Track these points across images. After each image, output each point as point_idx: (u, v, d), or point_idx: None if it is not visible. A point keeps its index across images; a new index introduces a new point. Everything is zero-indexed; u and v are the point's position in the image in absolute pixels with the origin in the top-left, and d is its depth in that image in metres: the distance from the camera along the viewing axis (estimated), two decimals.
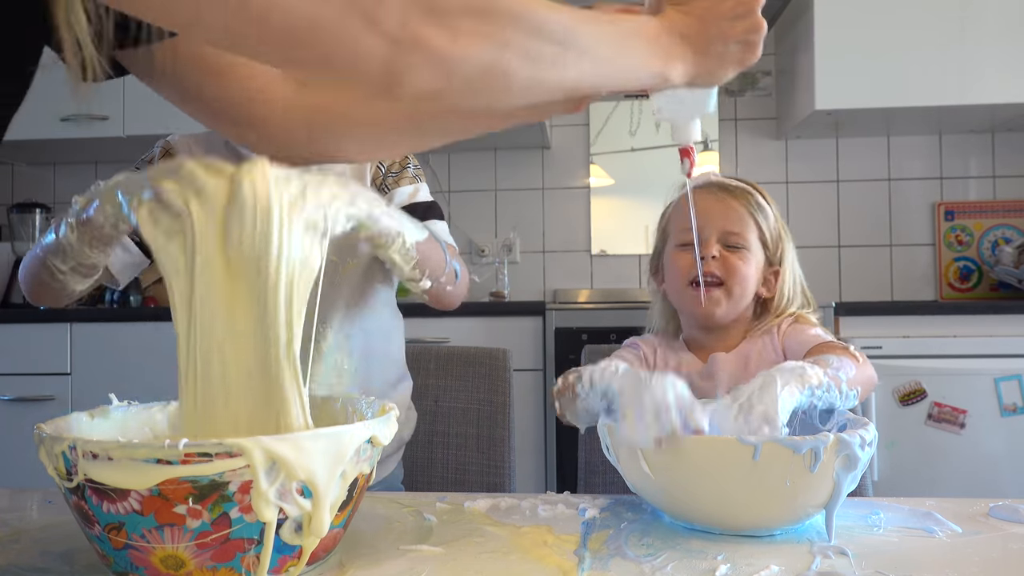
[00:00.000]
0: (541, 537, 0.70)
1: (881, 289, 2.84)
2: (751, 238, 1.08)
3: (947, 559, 0.64)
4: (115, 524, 0.56)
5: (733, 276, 1.06)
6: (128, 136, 2.65)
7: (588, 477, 1.22)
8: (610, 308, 2.40)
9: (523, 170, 2.94)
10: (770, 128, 2.90)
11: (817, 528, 0.73)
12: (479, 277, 2.92)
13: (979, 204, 2.80)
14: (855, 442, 0.67)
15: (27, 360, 2.37)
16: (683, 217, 1.10)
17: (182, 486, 0.53)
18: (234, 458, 0.53)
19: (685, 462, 0.70)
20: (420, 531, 0.72)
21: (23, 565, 0.65)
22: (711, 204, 1.09)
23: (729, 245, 1.07)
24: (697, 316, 1.09)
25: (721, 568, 0.62)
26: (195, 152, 1.09)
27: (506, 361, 1.33)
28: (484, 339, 2.31)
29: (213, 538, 0.55)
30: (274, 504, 0.55)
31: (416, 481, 1.32)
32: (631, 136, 2.94)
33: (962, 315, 2.20)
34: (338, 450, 0.58)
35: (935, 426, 2.12)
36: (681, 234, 1.10)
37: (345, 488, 0.60)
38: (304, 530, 0.57)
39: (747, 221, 1.08)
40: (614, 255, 2.92)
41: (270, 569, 0.57)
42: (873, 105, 2.45)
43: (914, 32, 2.42)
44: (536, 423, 2.30)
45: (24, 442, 2.32)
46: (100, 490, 0.54)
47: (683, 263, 1.09)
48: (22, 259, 2.74)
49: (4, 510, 0.82)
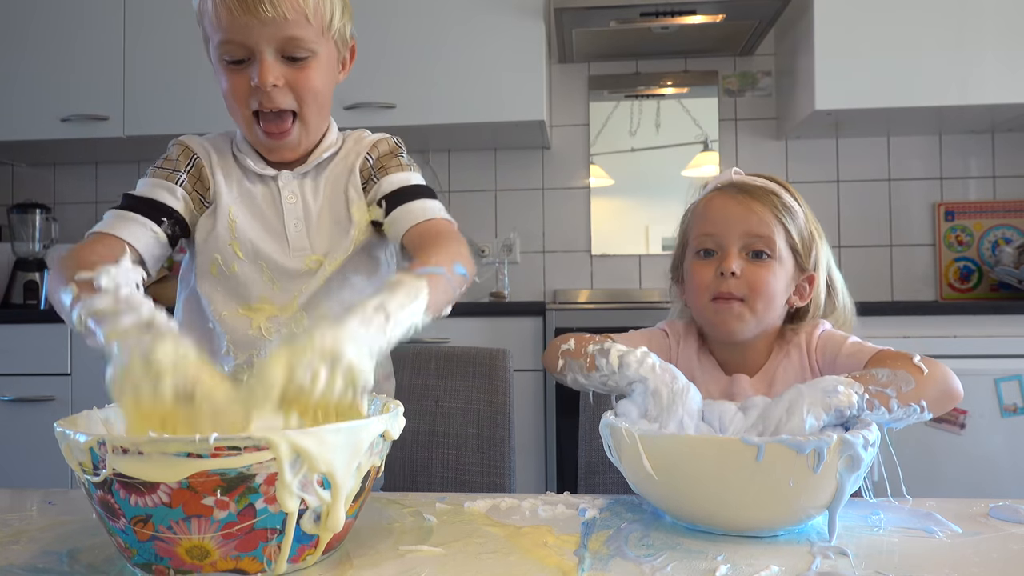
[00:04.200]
0: (541, 537, 0.70)
1: (881, 289, 2.84)
2: (778, 244, 0.97)
3: (947, 559, 0.64)
4: (142, 517, 0.57)
5: (757, 292, 0.96)
6: (128, 136, 2.65)
7: (588, 477, 1.22)
8: (610, 308, 2.40)
9: (523, 170, 2.94)
10: (770, 128, 2.90)
11: (817, 528, 0.73)
12: (479, 277, 2.91)
13: (979, 204, 2.79)
14: (858, 443, 0.67)
15: (27, 360, 2.37)
16: (704, 222, 1.02)
17: (211, 479, 0.56)
18: (261, 451, 0.56)
19: (689, 462, 0.70)
20: (420, 531, 0.73)
21: (23, 565, 0.65)
22: (731, 208, 0.99)
23: (753, 254, 0.98)
24: (720, 333, 1.01)
25: (721, 568, 0.62)
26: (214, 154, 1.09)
27: (506, 361, 1.33)
28: (484, 339, 2.31)
29: (238, 528, 0.57)
30: (297, 495, 0.58)
31: (416, 481, 1.32)
32: (631, 136, 2.94)
33: (962, 315, 2.20)
34: (356, 443, 0.61)
35: (935, 426, 2.12)
36: (701, 240, 1.01)
37: (359, 480, 0.63)
38: (322, 521, 0.60)
39: (772, 226, 0.97)
40: (614, 255, 2.92)
41: (289, 558, 0.60)
42: (873, 105, 2.45)
43: (914, 32, 2.42)
44: (536, 423, 2.30)
45: (24, 442, 2.33)
46: (129, 484, 0.56)
47: (703, 278, 0.99)
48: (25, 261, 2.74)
49: (4, 510, 0.82)
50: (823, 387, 0.76)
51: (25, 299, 2.72)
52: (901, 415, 0.77)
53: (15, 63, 2.69)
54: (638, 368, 0.82)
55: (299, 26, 0.98)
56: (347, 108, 2.50)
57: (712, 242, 1.00)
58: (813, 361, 1.00)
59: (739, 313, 0.97)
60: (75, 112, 2.64)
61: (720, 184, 1.04)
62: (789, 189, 1.03)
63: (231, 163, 1.09)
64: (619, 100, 2.94)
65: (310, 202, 1.07)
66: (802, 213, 1.01)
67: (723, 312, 0.98)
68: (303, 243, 1.06)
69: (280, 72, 0.99)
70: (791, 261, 1.00)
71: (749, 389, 0.98)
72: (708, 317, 1.00)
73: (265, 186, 1.08)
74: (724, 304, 0.98)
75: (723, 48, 2.84)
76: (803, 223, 1.01)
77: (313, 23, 0.99)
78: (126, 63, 2.65)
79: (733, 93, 2.92)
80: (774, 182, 1.02)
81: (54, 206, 3.05)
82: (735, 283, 0.97)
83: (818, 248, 1.02)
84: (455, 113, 2.56)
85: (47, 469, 2.22)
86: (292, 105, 1.01)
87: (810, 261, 1.01)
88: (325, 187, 1.08)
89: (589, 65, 2.95)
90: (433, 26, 2.57)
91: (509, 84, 2.55)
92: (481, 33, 2.56)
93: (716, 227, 1.00)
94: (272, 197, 1.07)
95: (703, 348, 1.05)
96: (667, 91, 2.92)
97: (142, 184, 1.06)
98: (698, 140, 2.91)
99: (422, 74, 2.56)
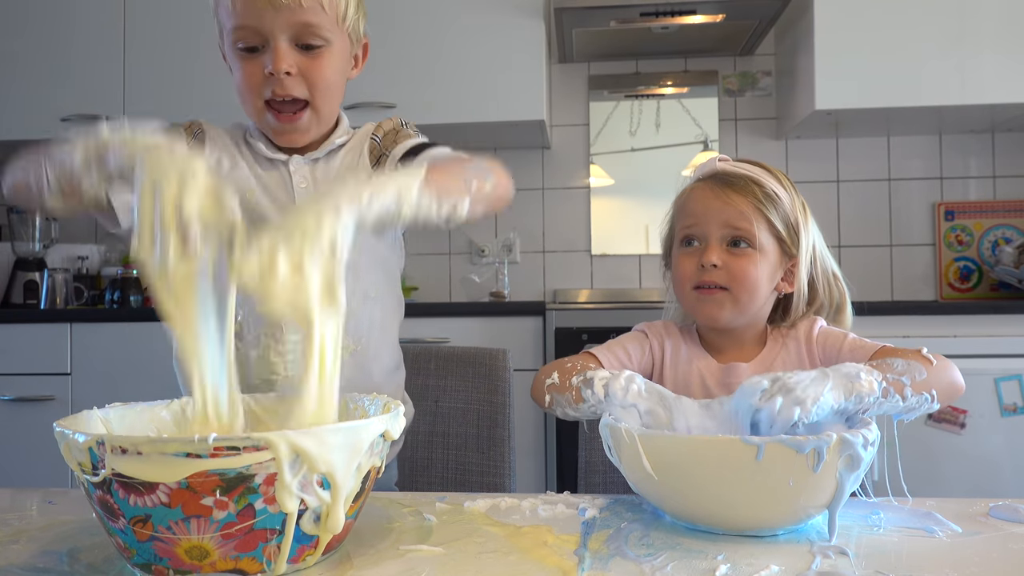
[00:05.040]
0: (541, 537, 0.70)
1: (881, 289, 2.84)
2: (760, 235, 0.98)
3: (947, 559, 0.64)
4: (141, 517, 0.57)
5: (739, 282, 0.98)
6: None
7: (588, 477, 1.22)
8: (610, 308, 2.40)
9: (523, 170, 2.93)
10: (770, 128, 2.90)
11: (817, 528, 0.73)
12: (479, 277, 2.92)
13: (979, 204, 2.80)
14: (858, 442, 0.67)
15: (27, 360, 2.37)
16: (686, 214, 1.03)
17: (210, 479, 0.55)
18: (261, 451, 0.56)
19: (689, 462, 0.70)
20: (420, 531, 0.72)
21: (23, 565, 0.65)
22: (710, 201, 1.00)
23: (733, 243, 0.99)
24: (702, 320, 1.03)
25: (721, 568, 0.62)
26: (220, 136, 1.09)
27: (506, 361, 1.33)
28: (484, 339, 2.31)
29: (238, 529, 0.57)
30: (296, 496, 0.58)
31: (416, 481, 1.32)
32: (631, 136, 2.94)
33: (962, 315, 2.20)
34: (355, 444, 0.61)
35: (935, 426, 2.12)
36: (684, 231, 1.03)
37: (359, 481, 0.62)
38: (322, 521, 0.60)
39: (752, 217, 0.98)
40: (614, 255, 2.92)
41: (289, 558, 0.60)
42: (873, 105, 2.45)
43: (914, 32, 2.42)
44: (536, 423, 2.30)
45: (24, 442, 2.33)
46: (128, 484, 0.56)
47: (686, 269, 1.01)
48: (25, 261, 2.74)
49: (4, 510, 0.82)
50: (845, 372, 0.76)
51: (25, 299, 2.72)
52: (914, 404, 0.77)
53: (15, 63, 2.69)
54: (624, 396, 0.81)
55: (314, 13, 0.99)
56: (347, 108, 2.49)
57: (694, 233, 1.02)
58: (815, 356, 1.00)
59: (720, 301, 0.99)
60: (75, 112, 2.64)
61: (703, 174, 1.04)
62: (775, 174, 1.02)
63: (244, 148, 1.09)
64: (619, 100, 2.94)
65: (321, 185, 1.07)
66: (788, 198, 1.01)
67: (705, 300, 1.00)
68: None
69: (294, 60, 1.00)
70: (776, 249, 1.00)
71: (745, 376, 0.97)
72: (692, 304, 1.02)
73: (276, 171, 1.08)
74: (707, 293, 1.00)
75: (723, 48, 2.84)
76: (788, 209, 1.00)
77: (328, 12, 1.00)
78: (126, 63, 2.65)
79: (733, 93, 2.92)
80: (760, 167, 1.02)
81: None
82: (717, 274, 0.99)
83: (803, 234, 1.01)
84: (455, 113, 2.56)
85: (47, 469, 2.22)
86: (304, 94, 1.02)
87: (797, 247, 1.01)
88: (337, 172, 1.08)
89: (589, 65, 2.95)
90: (433, 26, 2.57)
91: (509, 84, 2.55)
92: (481, 33, 2.56)
93: (697, 219, 1.02)
94: (284, 182, 1.07)
95: (696, 341, 1.06)
96: (667, 91, 2.92)
97: None
98: (698, 140, 2.91)
99: (422, 74, 2.56)
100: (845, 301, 1.07)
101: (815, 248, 1.04)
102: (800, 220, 1.01)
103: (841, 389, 0.74)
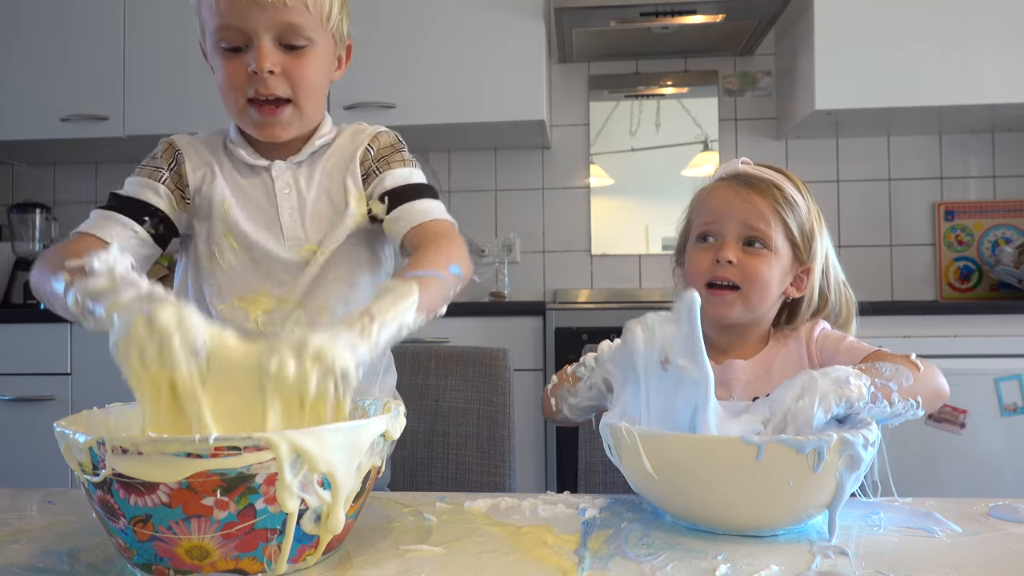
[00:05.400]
0: (541, 537, 0.70)
1: (881, 289, 2.84)
2: (775, 237, 1.00)
3: (947, 559, 0.64)
4: (141, 517, 0.57)
5: (751, 282, 1.00)
6: (128, 136, 2.65)
7: (588, 477, 1.22)
8: (610, 308, 2.40)
9: (523, 170, 2.94)
10: (770, 128, 2.90)
11: (817, 528, 0.73)
12: (479, 277, 2.92)
13: (979, 204, 2.79)
14: (858, 442, 0.67)
15: (27, 360, 2.37)
16: (706, 210, 1.05)
17: (211, 479, 0.55)
18: (261, 451, 0.56)
19: (689, 462, 0.70)
20: (420, 531, 0.73)
21: (23, 565, 0.65)
22: (731, 200, 1.02)
23: (748, 242, 1.01)
24: (710, 317, 1.02)
25: (721, 568, 0.62)
26: (199, 152, 1.09)
27: (506, 361, 1.33)
28: (484, 339, 2.31)
29: (238, 528, 0.57)
30: (297, 495, 0.58)
31: (416, 481, 1.32)
32: (631, 136, 2.94)
33: (962, 315, 2.20)
34: (356, 444, 0.61)
35: (935, 426, 2.12)
36: (702, 227, 1.05)
37: (360, 480, 0.63)
38: (322, 521, 0.60)
39: (770, 219, 1.00)
40: (614, 255, 2.92)
41: (289, 558, 0.60)
42: (873, 105, 2.45)
43: (914, 32, 2.42)
44: (536, 423, 2.30)
45: (24, 442, 2.33)
46: (128, 484, 0.56)
47: (700, 264, 1.03)
48: (25, 261, 2.74)
49: (4, 510, 0.82)
50: (835, 377, 0.76)
51: (25, 299, 2.72)
52: (900, 410, 0.77)
53: (15, 63, 2.69)
54: (611, 347, 0.83)
55: (298, 13, 0.99)
56: (347, 108, 2.50)
57: (712, 230, 1.04)
58: (813, 357, 1.01)
59: (731, 301, 1.01)
60: (75, 112, 2.64)
61: (726, 174, 1.06)
62: (795, 181, 1.05)
63: (223, 157, 1.09)
64: (619, 100, 2.94)
65: (304, 191, 1.07)
66: (804, 206, 1.03)
67: (715, 301, 1.01)
68: (297, 232, 1.06)
69: (277, 59, 0.99)
70: (789, 253, 1.02)
71: (742, 374, 1.01)
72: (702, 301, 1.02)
73: (258, 177, 1.07)
74: (718, 294, 1.01)
75: (723, 48, 2.84)
76: (804, 216, 1.03)
77: (312, 12, 1.00)
78: (126, 63, 2.65)
79: (733, 93, 2.92)
80: (781, 174, 1.04)
81: (54, 206, 3.04)
82: (731, 270, 1.00)
83: (817, 241, 1.04)
84: (455, 113, 2.56)
85: (47, 469, 2.22)
86: (287, 93, 1.01)
87: (809, 254, 1.03)
88: (320, 176, 1.08)
89: (589, 65, 2.95)
90: (433, 26, 2.57)
91: (509, 84, 2.55)
92: (481, 33, 2.56)
93: (716, 216, 1.03)
94: (266, 188, 1.07)
95: None
96: (667, 91, 2.92)
97: (129, 183, 1.07)
98: (698, 140, 2.91)
99: (422, 74, 2.56)
100: (852, 313, 1.08)
101: (828, 258, 1.06)
102: (815, 228, 1.04)
103: (831, 397, 0.74)
